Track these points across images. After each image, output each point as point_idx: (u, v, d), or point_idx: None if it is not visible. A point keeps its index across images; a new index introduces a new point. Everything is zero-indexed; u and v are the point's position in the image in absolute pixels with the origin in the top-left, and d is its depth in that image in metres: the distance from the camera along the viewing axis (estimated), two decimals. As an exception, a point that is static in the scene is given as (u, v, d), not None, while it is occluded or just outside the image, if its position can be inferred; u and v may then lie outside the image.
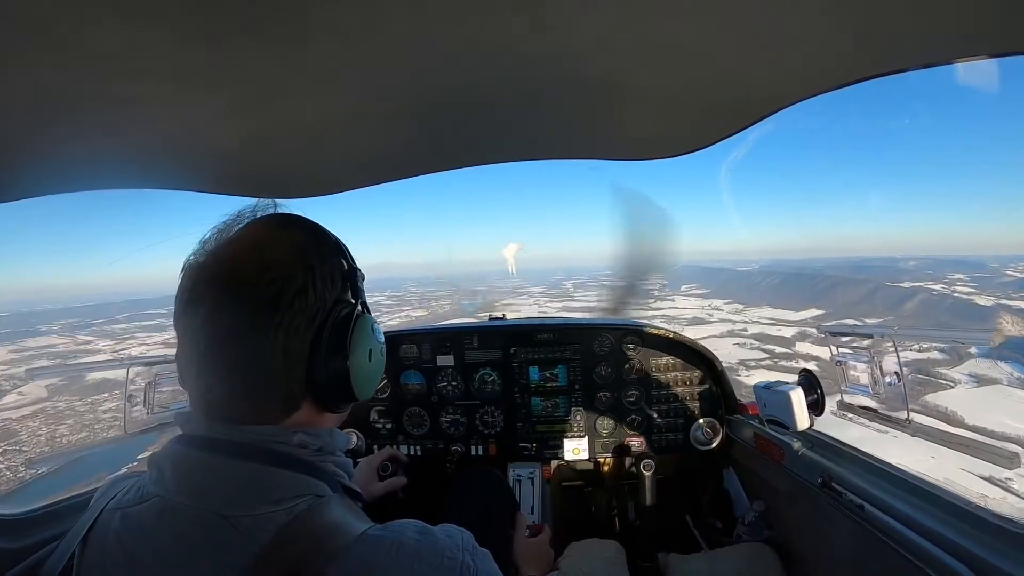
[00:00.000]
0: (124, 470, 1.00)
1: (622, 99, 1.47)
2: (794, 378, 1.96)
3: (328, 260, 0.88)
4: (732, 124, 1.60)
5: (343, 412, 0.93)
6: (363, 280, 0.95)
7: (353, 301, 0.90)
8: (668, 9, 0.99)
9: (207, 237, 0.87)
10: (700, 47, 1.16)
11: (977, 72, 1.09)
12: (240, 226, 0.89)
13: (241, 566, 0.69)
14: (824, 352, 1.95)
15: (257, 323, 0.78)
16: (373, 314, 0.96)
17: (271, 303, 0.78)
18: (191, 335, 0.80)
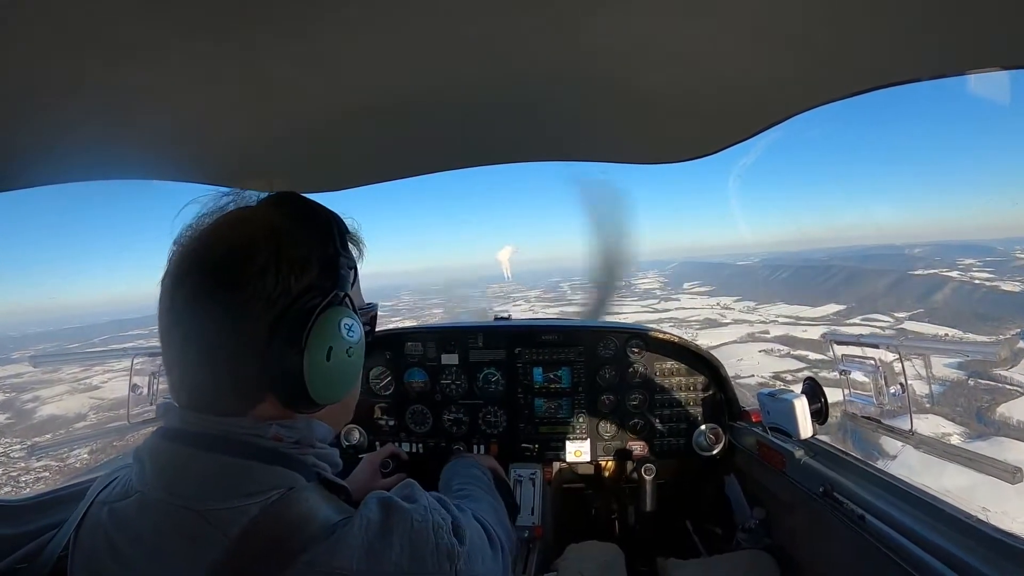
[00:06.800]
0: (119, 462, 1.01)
1: (633, 103, 1.47)
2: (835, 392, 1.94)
3: (306, 242, 0.82)
4: (742, 130, 1.60)
5: (310, 413, 0.84)
6: (351, 268, 0.90)
7: (331, 290, 0.82)
8: (680, 14, 0.99)
9: (202, 213, 0.84)
10: (711, 53, 1.16)
11: (985, 84, 1.09)
12: (229, 206, 0.86)
13: (214, 559, 0.69)
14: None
15: (209, 302, 0.75)
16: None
17: (226, 281, 0.75)
18: (159, 314, 0.79)
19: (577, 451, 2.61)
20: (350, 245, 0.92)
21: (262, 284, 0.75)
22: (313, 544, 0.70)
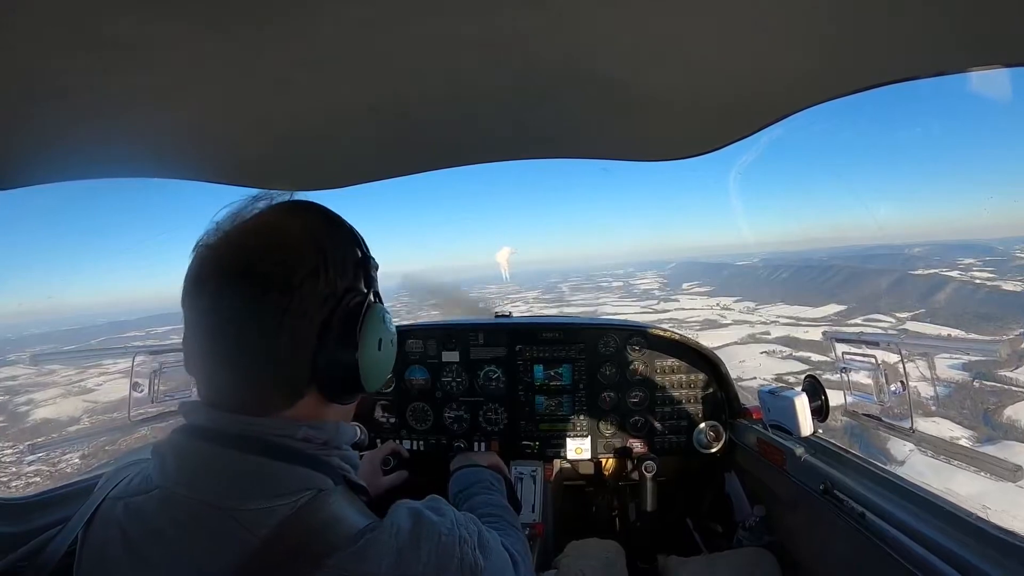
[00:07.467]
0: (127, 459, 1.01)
1: (633, 100, 1.47)
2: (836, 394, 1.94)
3: (341, 247, 0.87)
4: (742, 128, 1.60)
5: (349, 404, 0.91)
6: (376, 270, 0.94)
7: (365, 291, 0.88)
8: (681, 12, 0.99)
9: (220, 219, 0.86)
10: (712, 50, 1.16)
11: (986, 81, 1.09)
12: (254, 211, 0.88)
13: (239, 558, 0.70)
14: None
15: (263, 305, 0.76)
16: None
17: (280, 284, 0.77)
18: (196, 318, 0.80)
19: (578, 448, 2.61)
20: None
21: (314, 286, 0.79)
22: (341, 548, 0.71)
